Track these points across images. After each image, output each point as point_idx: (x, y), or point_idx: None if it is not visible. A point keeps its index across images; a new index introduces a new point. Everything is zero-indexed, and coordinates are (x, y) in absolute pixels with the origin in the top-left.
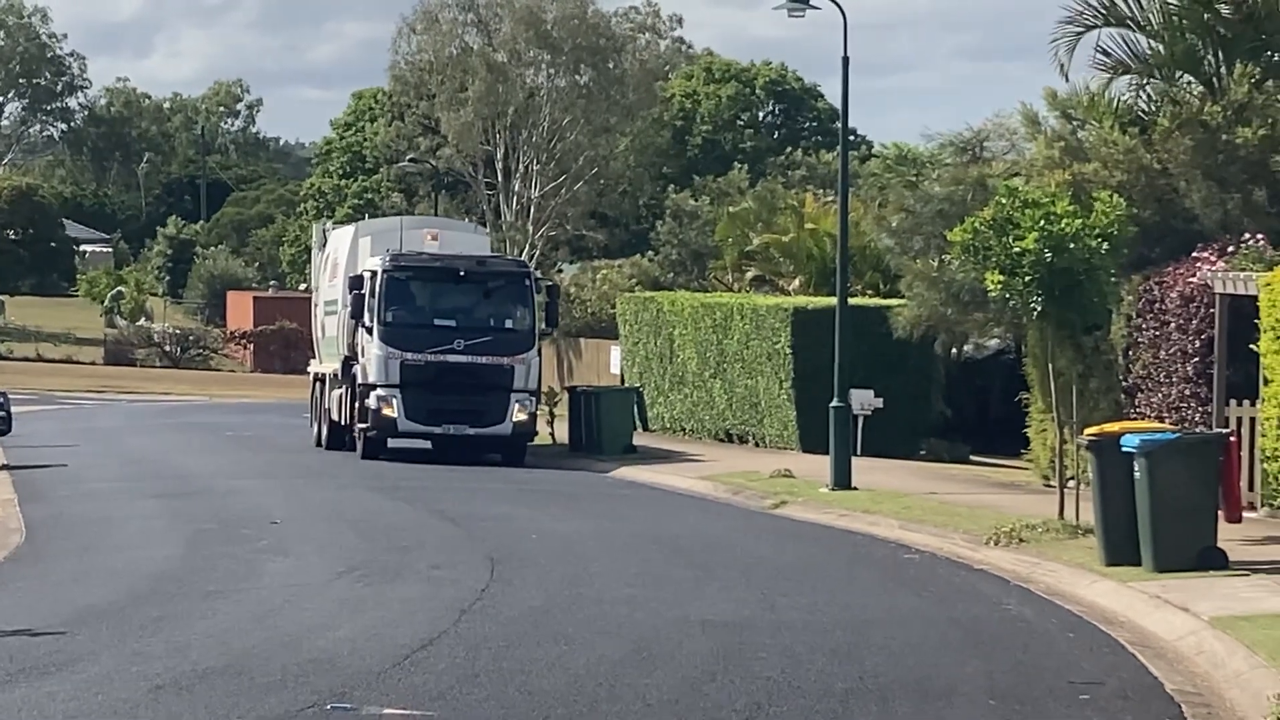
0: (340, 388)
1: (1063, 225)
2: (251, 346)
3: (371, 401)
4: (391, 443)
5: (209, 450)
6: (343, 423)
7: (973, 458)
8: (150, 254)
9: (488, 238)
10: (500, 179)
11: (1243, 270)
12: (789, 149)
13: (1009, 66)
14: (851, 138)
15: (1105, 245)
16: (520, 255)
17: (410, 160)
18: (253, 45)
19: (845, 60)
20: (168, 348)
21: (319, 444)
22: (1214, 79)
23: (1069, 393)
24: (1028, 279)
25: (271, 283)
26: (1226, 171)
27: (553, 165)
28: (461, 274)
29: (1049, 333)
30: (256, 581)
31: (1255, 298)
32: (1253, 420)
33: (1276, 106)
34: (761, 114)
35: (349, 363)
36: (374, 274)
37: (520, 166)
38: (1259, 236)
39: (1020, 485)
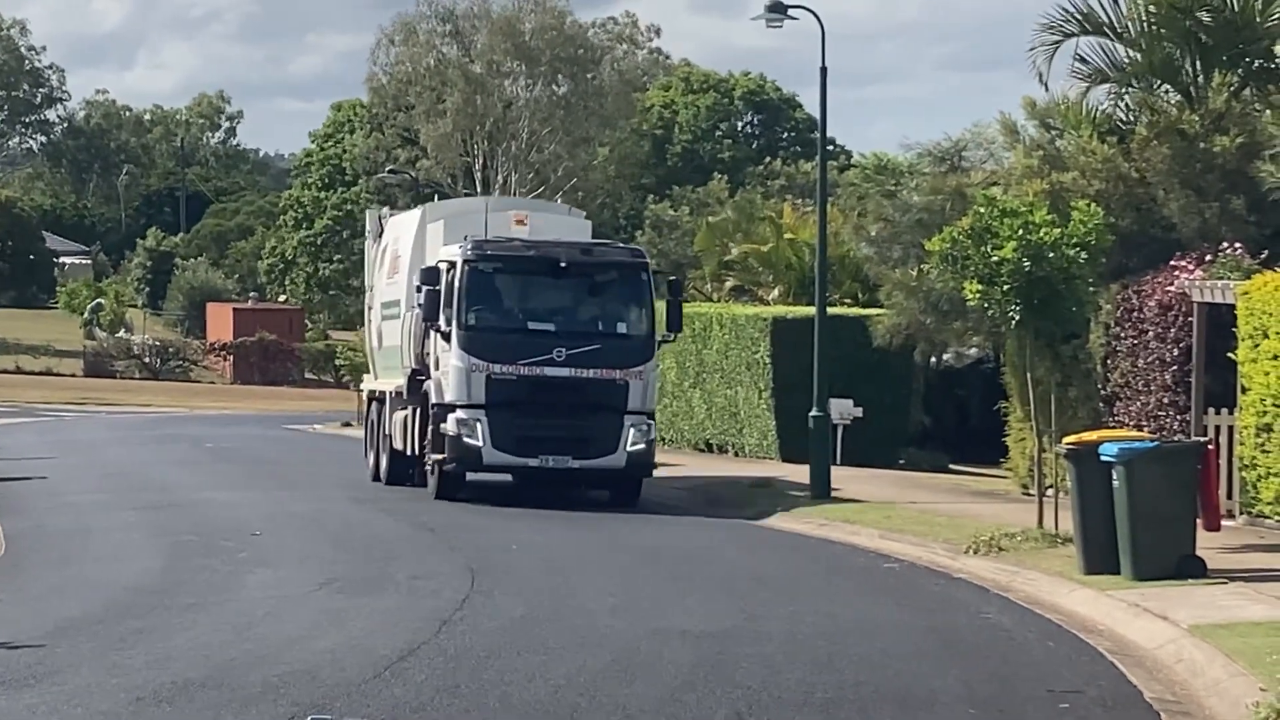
0: (405, 409)
1: (1041, 234)
2: (231, 358)
3: (450, 426)
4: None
5: (189, 462)
6: (408, 452)
7: (952, 467)
8: (130, 266)
9: (588, 222)
10: (479, 190)
11: (1221, 279)
12: (768, 159)
13: (990, 76)
14: (830, 147)
15: (1083, 254)
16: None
17: (389, 171)
18: (234, 57)
19: (823, 70)
20: (147, 359)
21: (376, 477)
22: (1192, 88)
23: (1047, 401)
24: (1006, 288)
25: (251, 294)
26: (1204, 180)
27: (531, 176)
28: (562, 265)
29: (1027, 341)
30: (237, 593)
31: (1233, 306)
32: (1231, 429)
33: (1254, 115)
34: (740, 124)
35: (417, 378)
36: (452, 266)
37: (499, 177)
38: (1237, 245)
39: (999, 494)
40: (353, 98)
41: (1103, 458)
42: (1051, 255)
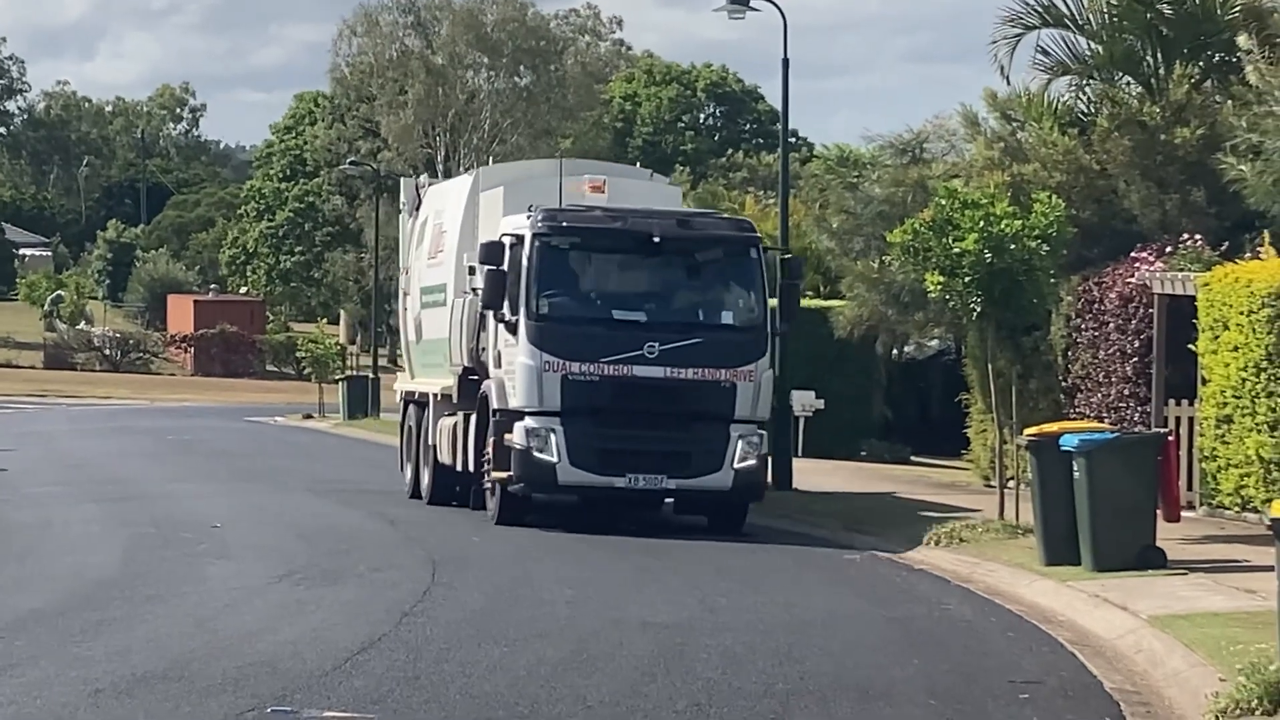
0: (453, 415)
1: (1002, 226)
2: (192, 350)
3: (517, 437)
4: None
5: (150, 455)
6: (457, 467)
7: (913, 458)
8: (90, 258)
9: (677, 189)
10: (441, 181)
11: (1181, 271)
12: (730, 151)
13: (952, 68)
14: (792, 139)
15: (1044, 246)
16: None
17: (351, 163)
18: (196, 48)
19: (785, 62)
20: (108, 351)
21: (415, 494)
22: (1153, 80)
23: (1008, 393)
24: (967, 280)
25: (212, 286)
26: (1165, 172)
27: None
28: (655, 240)
29: (988, 333)
30: (197, 585)
31: (1193, 298)
32: (1191, 420)
33: (1215, 107)
34: (702, 116)
35: (471, 378)
36: (518, 241)
37: (461, 169)
38: (1197, 237)
39: (961, 485)
40: (314, 89)
41: (1063, 449)
42: (1013, 247)
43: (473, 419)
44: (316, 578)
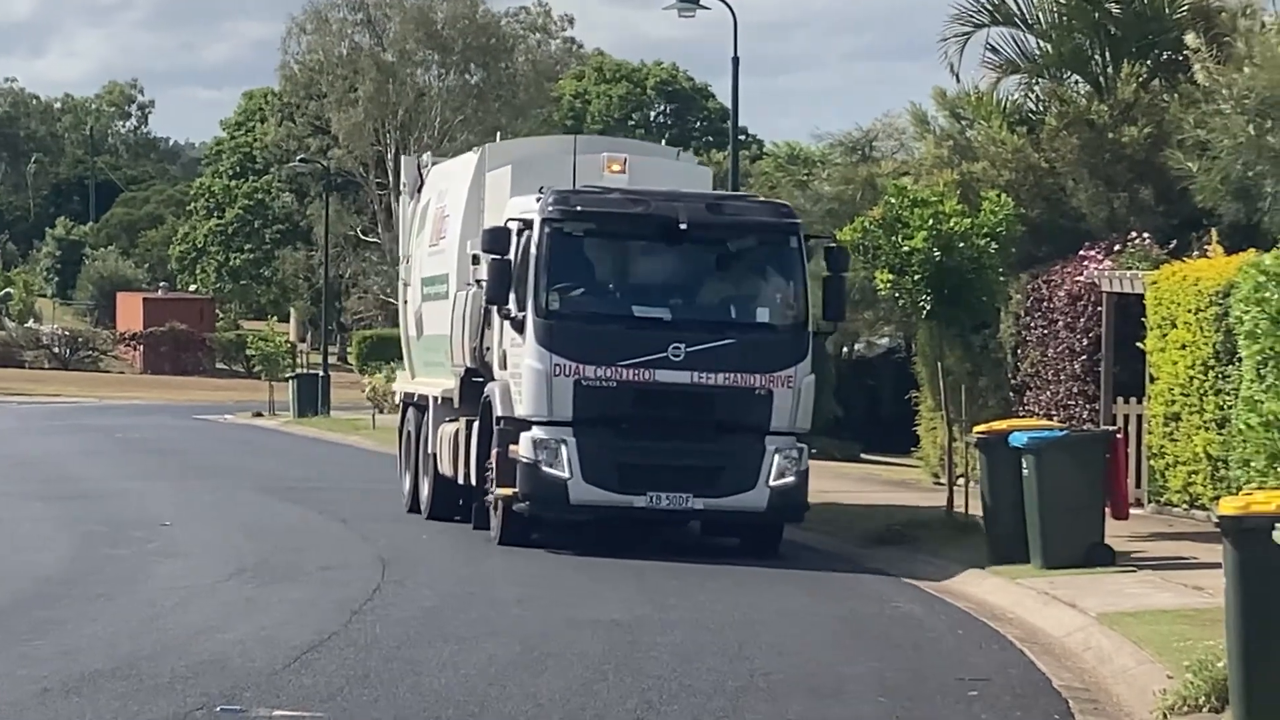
0: (455, 421)
1: (951, 224)
2: (141, 348)
3: (523, 449)
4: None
5: (99, 453)
6: (459, 480)
7: (863, 456)
8: (38, 255)
9: (707, 169)
10: (391, 179)
11: (1129, 269)
12: (680, 149)
13: (904, 66)
14: (743, 137)
15: (993, 244)
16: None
17: (300, 160)
18: (146, 45)
19: (735, 60)
20: (57, 349)
21: (415, 508)
22: (1101, 78)
23: (958, 391)
24: (917, 278)
25: (161, 284)
26: (1113, 170)
27: None
28: (682, 226)
29: (938, 331)
30: (146, 584)
31: (1142, 296)
32: (1139, 417)
33: (1162, 106)
34: (652, 114)
35: (473, 380)
36: (527, 227)
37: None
38: (1145, 235)
39: (911, 483)
40: (265, 86)
41: (1012, 446)
42: (962, 245)
43: (476, 426)
44: (266, 576)
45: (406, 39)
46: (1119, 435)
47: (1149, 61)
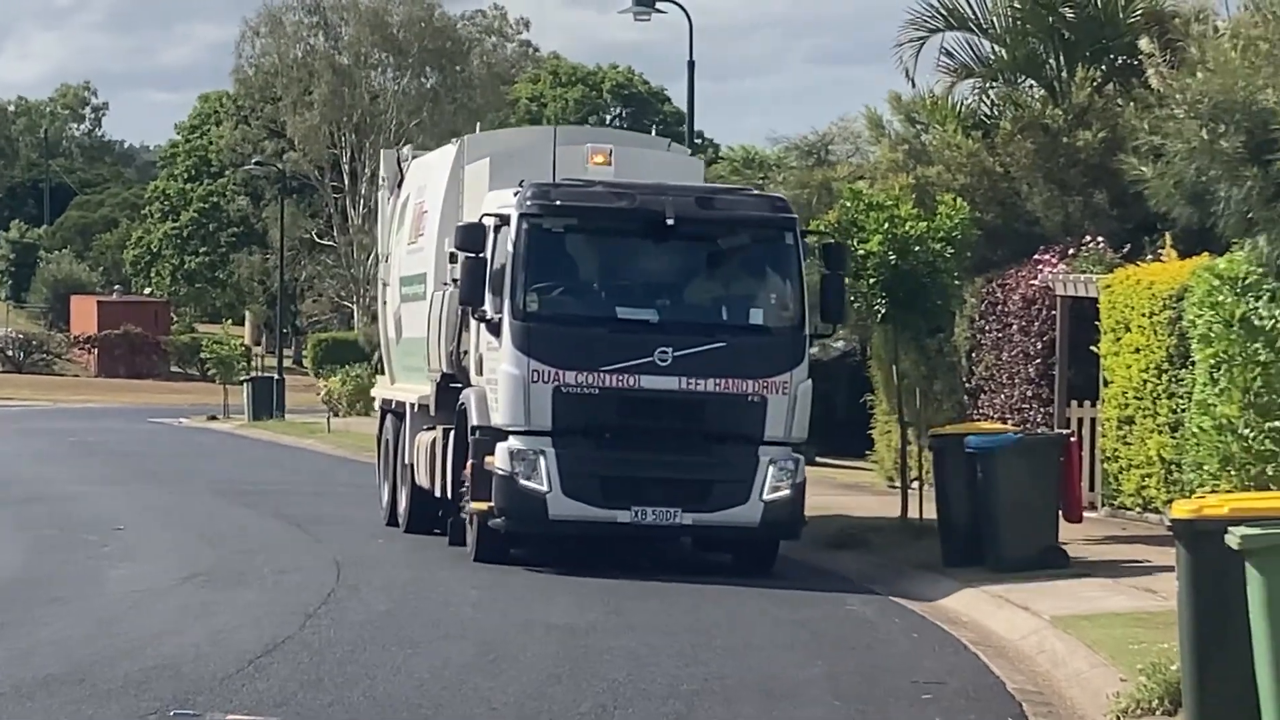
0: (432, 430)
1: (907, 228)
2: (96, 351)
3: (499, 461)
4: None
5: (52, 457)
6: (436, 491)
7: (818, 459)
8: None
9: (698, 161)
10: (347, 182)
11: (1083, 272)
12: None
13: (860, 70)
14: (699, 140)
15: (949, 248)
16: (367, 261)
17: (255, 163)
18: (101, 47)
19: (691, 64)
20: (10, 353)
21: (393, 520)
22: (1055, 83)
23: (913, 394)
24: (872, 281)
25: (116, 287)
26: (1067, 174)
27: None
28: (669, 221)
29: (893, 335)
30: (100, 588)
31: (1095, 300)
32: (1093, 421)
33: (1117, 110)
34: (608, 117)
35: (450, 386)
36: (503, 223)
37: (367, 170)
38: (1099, 239)
39: (865, 487)
40: (221, 89)
41: (966, 450)
42: (917, 249)
43: (452, 435)
44: (220, 579)
45: (362, 42)
46: (1073, 439)
47: (1103, 66)
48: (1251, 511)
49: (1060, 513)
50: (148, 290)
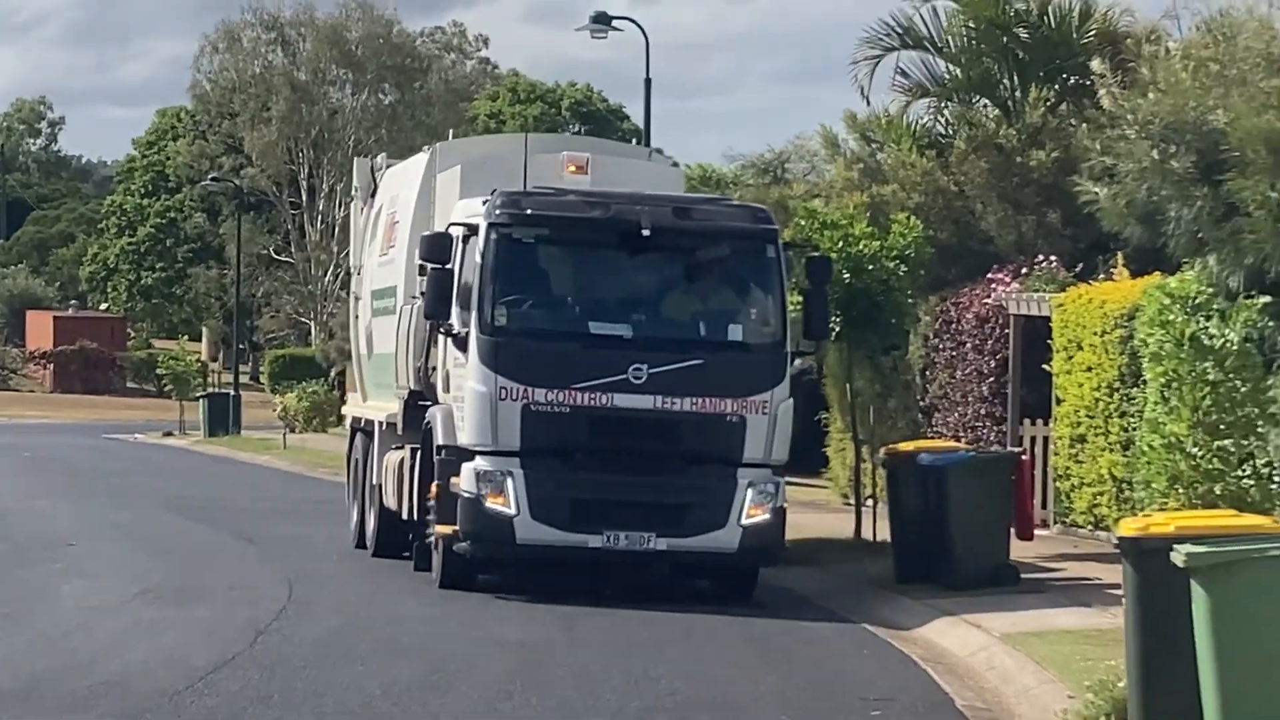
0: (400, 449)
1: (860, 247)
2: (52, 367)
3: (464, 482)
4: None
5: (5, 472)
6: (404, 514)
7: None
8: None
9: (679, 171)
10: (305, 198)
11: (1036, 291)
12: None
13: (822, 89)
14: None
15: (903, 267)
16: (325, 277)
17: (212, 179)
18: (59, 63)
19: (648, 81)
20: None
21: (361, 543)
22: (1010, 102)
23: (867, 412)
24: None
25: (72, 302)
26: (1021, 194)
27: None
28: (645, 232)
29: (847, 353)
30: (50, 604)
31: (1048, 319)
32: (1046, 439)
33: (1070, 130)
34: (567, 135)
35: (419, 403)
36: (471, 233)
37: (324, 186)
38: (1052, 258)
39: (820, 504)
40: (178, 105)
41: (918, 467)
42: (871, 268)
43: (419, 455)
44: (171, 596)
45: (320, 58)
46: (1024, 457)
47: (1057, 86)
48: (1198, 530)
49: (1012, 530)
50: (104, 306)
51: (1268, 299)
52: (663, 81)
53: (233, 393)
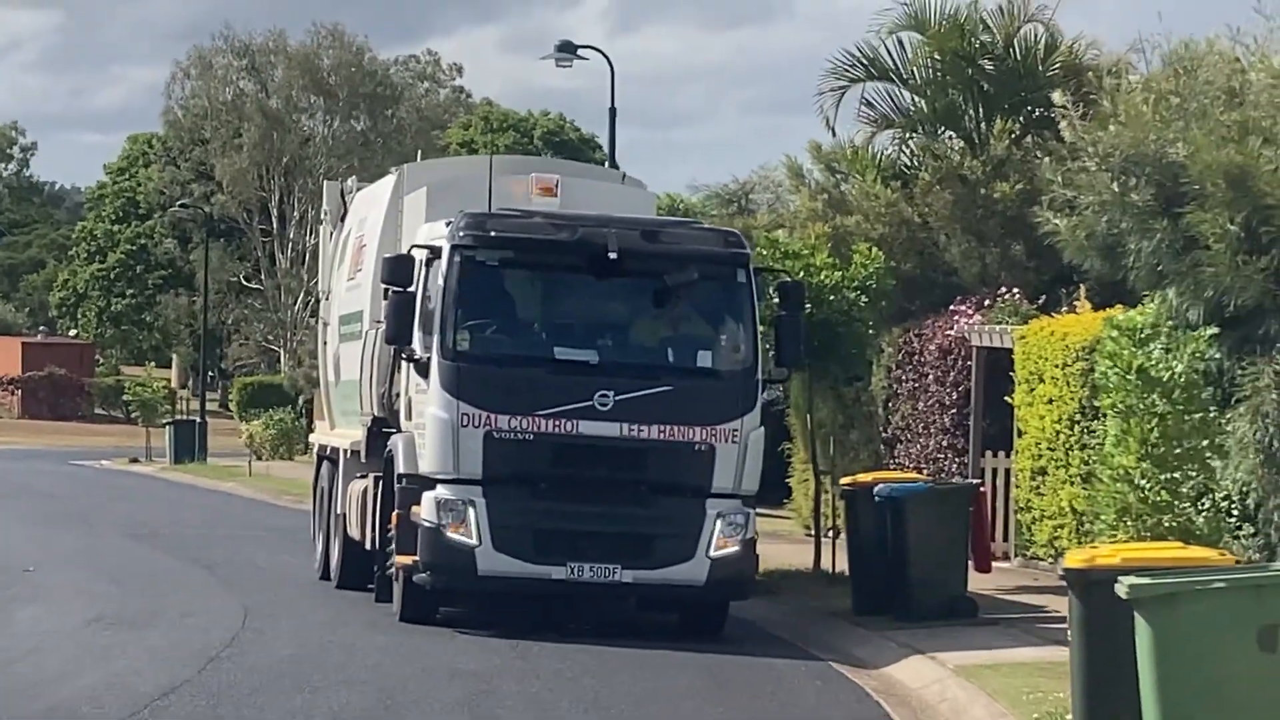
0: (364, 478)
1: (822, 277)
2: (19, 393)
3: (425, 511)
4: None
5: None
6: (367, 544)
7: None
8: None
9: (650, 193)
10: (275, 225)
11: (999, 323)
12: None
13: (796, 120)
14: None
15: (863, 297)
16: (295, 305)
17: (179, 205)
18: (35, 88)
19: (612, 111)
20: None
21: (325, 575)
22: (975, 134)
23: (828, 443)
24: None
25: (41, 328)
26: (985, 226)
27: None
28: (612, 255)
29: (809, 384)
30: (4, 629)
31: (1010, 351)
32: (1008, 471)
33: (1034, 162)
34: (538, 157)
35: (383, 431)
36: (434, 256)
37: (295, 213)
38: (1015, 290)
39: (783, 535)
40: (150, 131)
41: (876, 498)
42: (832, 298)
43: (382, 484)
44: (125, 622)
45: (292, 85)
46: (982, 489)
47: (1021, 118)
48: (1143, 562)
49: (970, 562)
50: (73, 332)
51: (1214, 330)
52: (638, 111)
53: (198, 419)
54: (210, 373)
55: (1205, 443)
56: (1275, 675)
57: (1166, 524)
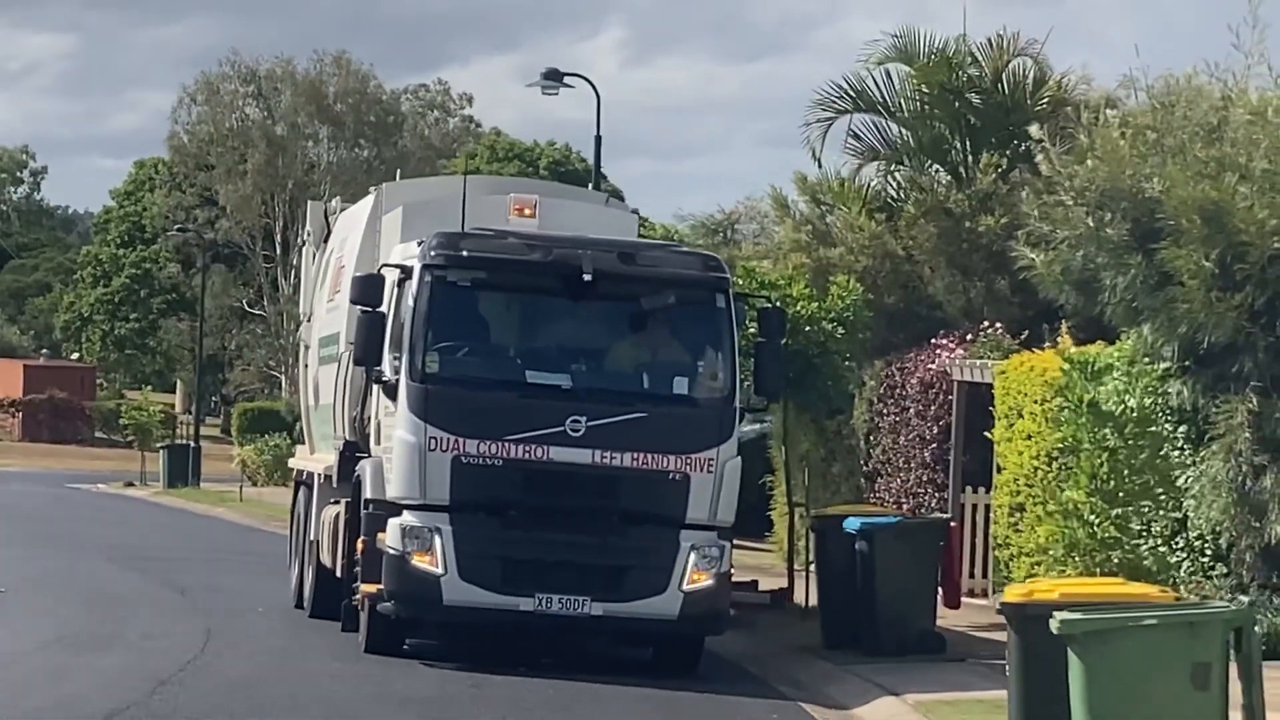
0: (337, 503)
1: (798, 308)
2: (20, 415)
3: (390, 538)
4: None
5: None
6: (338, 571)
7: None
8: None
9: (633, 216)
10: (278, 252)
11: (981, 358)
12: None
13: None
14: None
15: (840, 329)
16: (297, 330)
17: (178, 229)
18: (51, 112)
19: (598, 139)
20: None
21: (299, 603)
22: (961, 168)
23: (810, 476)
24: None
25: (43, 351)
26: (970, 259)
27: None
28: (587, 277)
29: (790, 415)
30: None
31: (991, 385)
32: (987, 507)
33: (1019, 196)
34: (517, 178)
35: (355, 455)
36: (406, 275)
37: (299, 240)
38: (998, 325)
39: (764, 568)
40: (157, 155)
41: (846, 532)
42: (808, 329)
43: (350, 509)
44: (86, 643)
45: (297, 112)
46: (954, 524)
47: (1008, 152)
48: (1081, 597)
49: (939, 598)
50: (74, 355)
51: (1166, 365)
52: (650, 143)
53: (192, 444)
54: (213, 398)
55: (1156, 478)
56: (1208, 713)
57: (1116, 560)
